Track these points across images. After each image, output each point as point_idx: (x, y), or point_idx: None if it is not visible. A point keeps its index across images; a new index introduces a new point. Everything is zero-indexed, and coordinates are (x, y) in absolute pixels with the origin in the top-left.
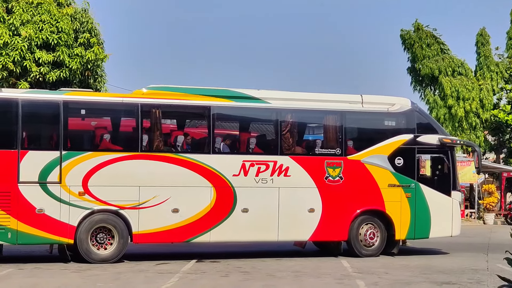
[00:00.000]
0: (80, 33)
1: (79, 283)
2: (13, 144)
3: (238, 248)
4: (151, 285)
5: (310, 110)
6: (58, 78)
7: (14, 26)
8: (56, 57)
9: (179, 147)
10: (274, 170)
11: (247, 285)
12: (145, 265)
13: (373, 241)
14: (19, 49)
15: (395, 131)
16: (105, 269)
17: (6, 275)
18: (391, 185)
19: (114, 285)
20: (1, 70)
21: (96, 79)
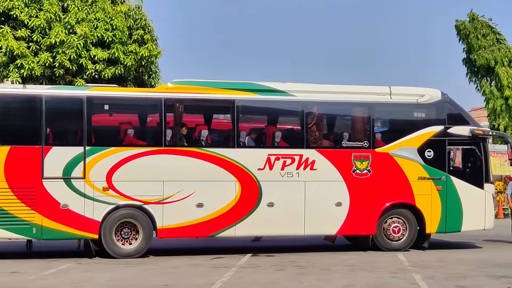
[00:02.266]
0: (134, 30)
1: (133, 277)
2: (37, 140)
3: (292, 242)
4: (206, 279)
5: (336, 103)
6: (113, 75)
7: (70, 24)
8: (111, 54)
9: (203, 141)
10: (300, 164)
11: (301, 279)
12: (199, 259)
13: (398, 235)
14: (75, 47)
15: (425, 122)
16: (159, 263)
17: (65, 270)
18: (421, 178)
19: (169, 279)
20: (58, 68)
21: (151, 75)
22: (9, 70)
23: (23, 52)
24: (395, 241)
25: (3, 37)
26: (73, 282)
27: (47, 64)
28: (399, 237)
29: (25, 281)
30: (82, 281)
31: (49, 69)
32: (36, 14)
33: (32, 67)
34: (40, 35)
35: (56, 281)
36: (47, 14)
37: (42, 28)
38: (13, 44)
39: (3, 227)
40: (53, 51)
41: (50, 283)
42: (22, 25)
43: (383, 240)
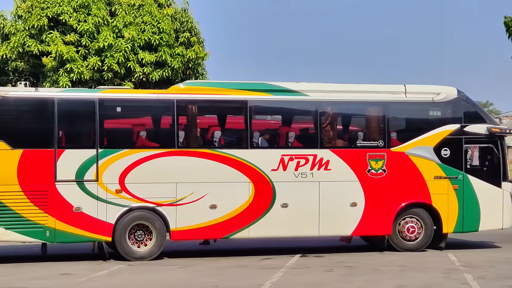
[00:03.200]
0: (180, 33)
1: (183, 278)
2: (50, 143)
3: (341, 242)
4: (255, 280)
5: (350, 102)
6: (160, 77)
7: (118, 28)
8: (158, 57)
9: (216, 142)
10: (314, 164)
11: (350, 280)
12: (248, 260)
13: (413, 235)
14: (123, 50)
15: (441, 121)
16: (208, 264)
17: (116, 271)
18: (438, 177)
19: (218, 280)
20: (107, 72)
21: (197, 77)
22: (59, 75)
23: (72, 56)
24: (410, 241)
25: (52, 42)
26: (124, 284)
27: (96, 68)
28: (414, 237)
29: (77, 283)
30: (133, 282)
31: (98, 73)
32: (84, 19)
33: (81, 71)
34: (89, 39)
35: (107, 282)
36: (95, 19)
37: (90, 32)
38: (62, 48)
39: (17, 231)
40: (102, 55)
41: (101, 284)
42: (71, 30)
43: (398, 240)
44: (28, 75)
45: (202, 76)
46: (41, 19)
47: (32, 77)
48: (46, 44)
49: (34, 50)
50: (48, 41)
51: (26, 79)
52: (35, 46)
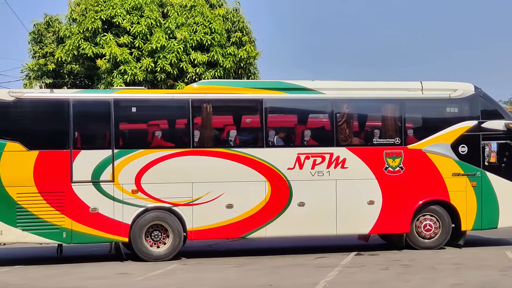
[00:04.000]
0: (232, 33)
1: (239, 277)
2: (65, 144)
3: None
4: (310, 279)
5: (366, 99)
6: (213, 77)
7: (170, 29)
8: (210, 57)
9: (232, 141)
10: (330, 162)
11: (407, 278)
12: (302, 259)
13: (430, 233)
14: (175, 51)
15: (458, 117)
16: (264, 263)
17: (171, 270)
18: (455, 174)
19: (273, 279)
20: (160, 73)
21: (249, 76)
22: (113, 76)
23: (126, 58)
24: (427, 239)
25: (106, 44)
26: (180, 283)
27: (149, 69)
28: (431, 235)
29: (133, 282)
30: (188, 281)
31: (151, 74)
32: (137, 20)
33: (135, 73)
34: (142, 41)
35: (163, 282)
36: (148, 21)
37: (143, 34)
38: (116, 50)
39: (34, 232)
40: (155, 56)
41: (157, 283)
42: (124, 32)
43: (415, 238)
44: (83, 78)
45: (254, 76)
46: (95, 22)
47: (87, 79)
48: (100, 46)
49: (89, 53)
50: (102, 43)
51: (81, 81)
52: (90, 49)
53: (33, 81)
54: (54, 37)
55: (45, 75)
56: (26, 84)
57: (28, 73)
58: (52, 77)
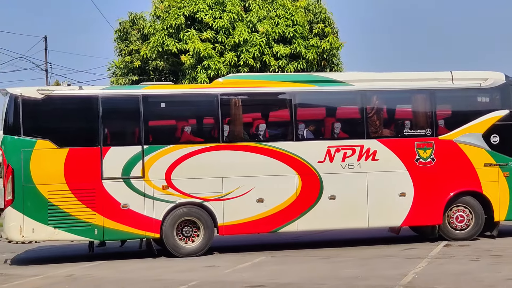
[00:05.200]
0: (314, 24)
1: (327, 269)
2: (95, 141)
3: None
4: (399, 270)
5: (396, 90)
6: (295, 70)
7: (252, 23)
8: (293, 49)
9: (261, 135)
10: (361, 155)
11: (498, 269)
12: (391, 250)
13: (462, 224)
14: (258, 45)
15: (489, 107)
16: (351, 255)
17: (259, 262)
18: (488, 164)
19: (361, 271)
20: (243, 67)
21: (333, 68)
22: (197, 72)
23: (209, 53)
24: (460, 231)
25: (190, 40)
26: (268, 275)
27: (232, 63)
28: (464, 226)
29: (222, 274)
30: (276, 273)
31: (234, 68)
32: (220, 15)
33: (218, 67)
34: (224, 35)
35: (252, 274)
36: (230, 15)
37: (226, 28)
38: (199, 46)
39: (65, 229)
40: (237, 50)
41: (246, 276)
42: (207, 27)
43: (448, 229)
44: (168, 74)
45: (337, 67)
46: (178, 18)
47: (171, 75)
48: (184, 42)
49: (173, 49)
50: (186, 39)
51: (166, 77)
52: (174, 45)
53: (119, 78)
54: (139, 35)
55: (131, 72)
56: (113, 82)
57: (115, 71)
58: (138, 74)
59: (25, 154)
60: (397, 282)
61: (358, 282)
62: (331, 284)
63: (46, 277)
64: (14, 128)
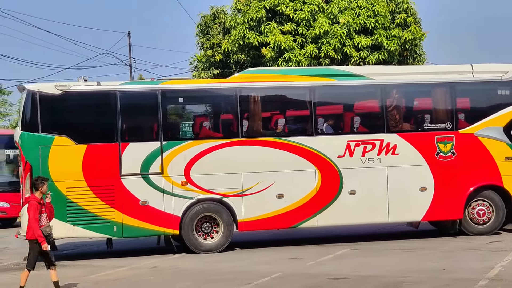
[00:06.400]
0: (396, 14)
1: (408, 262)
2: (113, 137)
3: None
4: (484, 263)
5: (416, 84)
6: (377, 60)
7: (333, 14)
8: (374, 40)
9: (281, 130)
10: (381, 149)
11: None
12: (476, 243)
13: (483, 218)
14: (338, 36)
15: (510, 100)
16: (435, 247)
17: (342, 255)
18: (508, 158)
19: (446, 264)
20: (323, 58)
21: (415, 58)
22: (278, 64)
23: (290, 45)
24: (481, 225)
25: (271, 32)
26: (350, 268)
27: (313, 55)
28: (485, 220)
29: (306, 266)
30: (359, 266)
31: (315, 60)
32: (300, 7)
33: (299, 60)
34: (305, 27)
35: (334, 266)
36: (311, 7)
37: (306, 20)
38: (280, 38)
39: (84, 226)
40: (318, 42)
41: (329, 268)
42: (288, 19)
43: (469, 224)
44: (249, 67)
45: (420, 57)
46: (259, 11)
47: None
48: (264, 35)
49: (254, 42)
50: (267, 32)
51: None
52: (255, 38)
53: (201, 72)
54: (220, 28)
55: (212, 66)
56: (195, 76)
57: (197, 65)
58: (219, 68)
59: (43, 150)
60: (483, 275)
61: (442, 275)
62: (415, 277)
63: (132, 268)
64: (32, 124)
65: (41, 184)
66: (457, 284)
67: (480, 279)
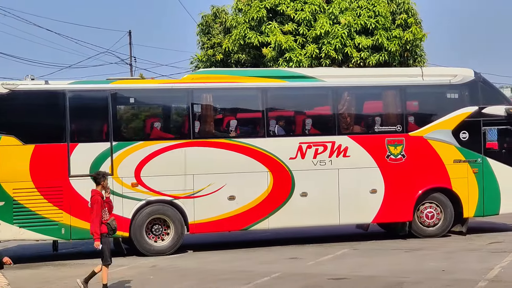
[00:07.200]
0: (397, 15)
1: (410, 262)
2: (62, 137)
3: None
4: (484, 264)
5: (367, 87)
6: (377, 61)
7: (334, 14)
8: (375, 41)
9: (233, 132)
10: (332, 151)
11: None
12: (476, 244)
13: (432, 221)
14: (339, 36)
15: (459, 103)
16: (436, 248)
17: (341, 255)
18: (457, 160)
19: (446, 264)
20: (324, 59)
21: (416, 59)
22: (279, 64)
23: (290, 45)
24: (430, 227)
25: (271, 32)
26: (350, 268)
27: (314, 55)
28: (434, 222)
29: (305, 266)
30: (359, 266)
31: (316, 60)
32: (301, 7)
33: (300, 60)
34: (306, 27)
35: (334, 266)
36: (311, 7)
37: (307, 20)
38: (281, 38)
39: (31, 229)
40: (319, 42)
41: (329, 268)
42: (289, 19)
43: (417, 226)
44: (250, 67)
45: (420, 58)
46: (260, 11)
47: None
48: (265, 35)
49: (255, 42)
50: (267, 32)
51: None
52: (255, 38)
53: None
54: (221, 28)
55: (213, 65)
56: None
57: (197, 64)
58: (220, 67)
59: None
60: (482, 276)
61: (442, 276)
62: (415, 277)
63: (132, 267)
64: None
65: (103, 178)
66: (456, 285)
67: (479, 280)
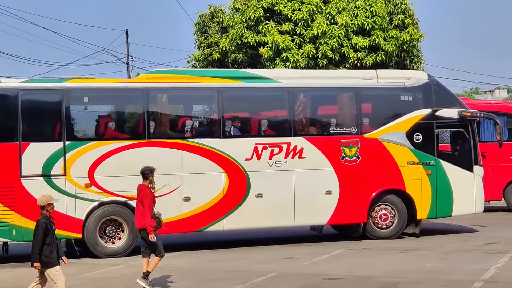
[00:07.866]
0: (394, 15)
1: (407, 263)
2: (13, 136)
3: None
4: (480, 265)
5: (322, 88)
6: (374, 62)
7: (331, 15)
8: (372, 41)
9: (188, 132)
10: (288, 152)
11: None
12: (472, 245)
13: (386, 223)
14: (336, 36)
15: (413, 106)
16: (432, 249)
17: (337, 255)
18: (411, 162)
19: (441, 265)
20: (321, 59)
21: (413, 59)
22: (275, 64)
23: (287, 45)
24: (384, 229)
25: (268, 32)
26: (346, 268)
27: (311, 55)
28: (388, 224)
29: (300, 266)
30: (355, 266)
31: (312, 60)
32: (298, 7)
33: (297, 59)
34: (303, 27)
35: (329, 266)
36: (309, 7)
37: (304, 20)
38: (278, 38)
39: None
40: (316, 42)
41: (324, 268)
42: (286, 19)
43: (371, 228)
44: (246, 66)
45: (417, 59)
46: (257, 11)
47: (250, 67)
48: (262, 34)
49: (252, 41)
50: (264, 31)
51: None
52: (252, 37)
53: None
54: (218, 27)
55: (210, 65)
56: None
57: (194, 63)
58: (217, 67)
59: None
60: (478, 277)
61: (438, 276)
62: (411, 278)
63: (129, 266)
64: None
65: (151, 173)
66: (452, 285)
67: (475, 281)
